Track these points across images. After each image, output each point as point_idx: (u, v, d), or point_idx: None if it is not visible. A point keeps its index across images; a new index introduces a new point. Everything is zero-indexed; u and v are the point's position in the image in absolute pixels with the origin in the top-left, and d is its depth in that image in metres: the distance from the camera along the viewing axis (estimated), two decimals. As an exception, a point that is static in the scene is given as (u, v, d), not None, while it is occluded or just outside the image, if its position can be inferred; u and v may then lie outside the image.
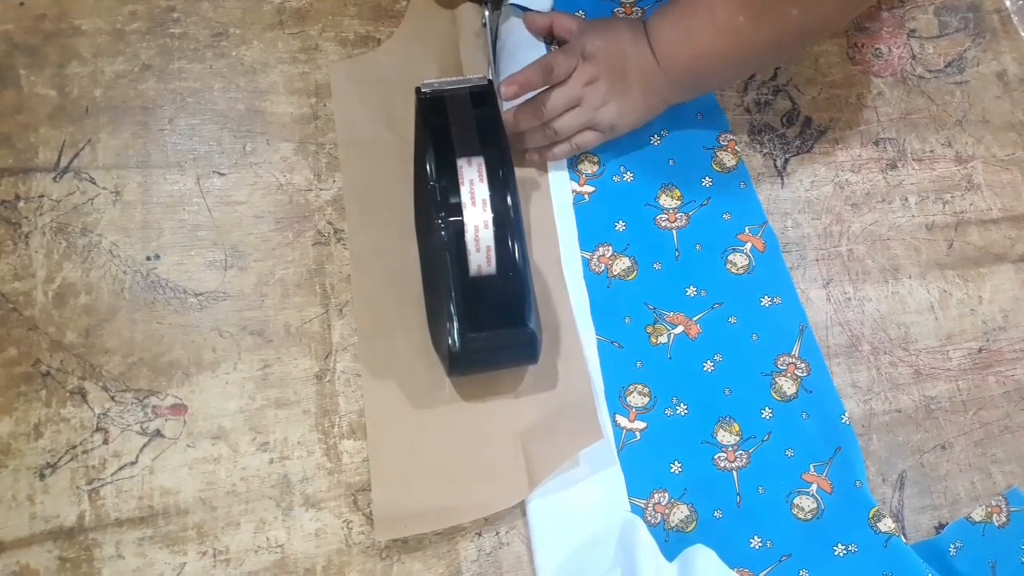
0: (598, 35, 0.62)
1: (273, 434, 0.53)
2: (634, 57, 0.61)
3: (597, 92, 0.61)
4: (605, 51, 0.61)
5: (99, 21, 0.61)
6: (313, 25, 0.65)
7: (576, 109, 0.61)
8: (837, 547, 0.55)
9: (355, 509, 0.52)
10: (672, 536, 0.54)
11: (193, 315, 0.55)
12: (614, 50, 0.61)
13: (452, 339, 0.49)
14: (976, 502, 0.60)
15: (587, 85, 0.61)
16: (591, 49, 0.61)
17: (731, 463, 0.57)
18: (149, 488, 0.51)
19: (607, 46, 0.61)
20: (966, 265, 0.68)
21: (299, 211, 0.59)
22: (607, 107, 0.62)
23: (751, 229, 0.64)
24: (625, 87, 0.61)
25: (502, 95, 0.59)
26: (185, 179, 0.58)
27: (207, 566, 0.49)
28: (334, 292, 0.57)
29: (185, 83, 0.61)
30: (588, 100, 0.61)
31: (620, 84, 0.61)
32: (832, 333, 0.63)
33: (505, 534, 0.53)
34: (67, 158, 0.57)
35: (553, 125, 0.61)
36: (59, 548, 0.48)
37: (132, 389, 0.52)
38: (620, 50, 0.61)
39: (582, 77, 0.61)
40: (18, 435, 0.50)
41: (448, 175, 0.50)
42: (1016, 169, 0.73)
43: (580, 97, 0.61)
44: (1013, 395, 0.64)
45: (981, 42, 0.77)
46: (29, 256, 0.54)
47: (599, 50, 0.61)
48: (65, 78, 0.59)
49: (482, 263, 0.50)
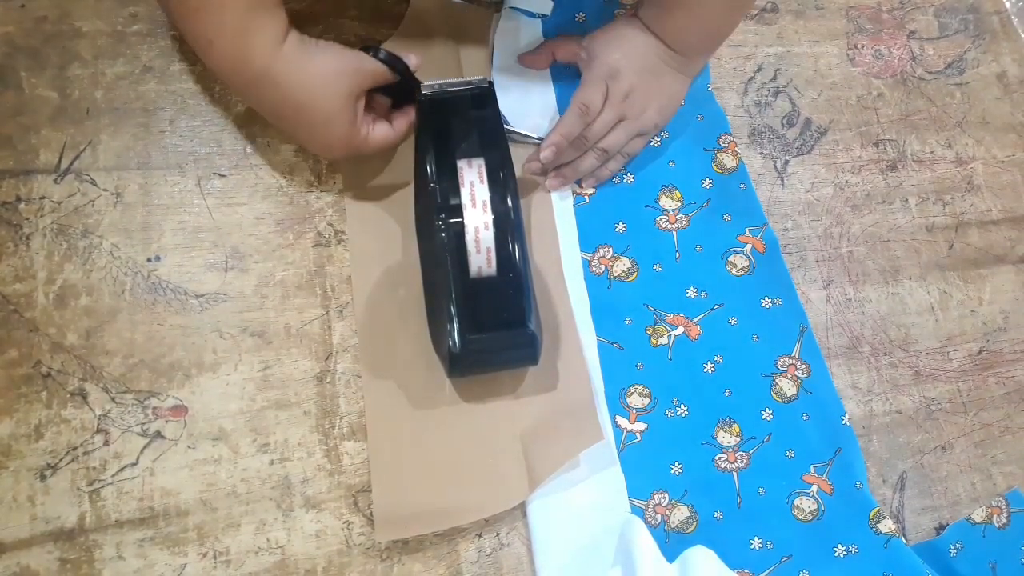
0: (612, 48, 0.62)
1: (273, 435, 0.53)
2: (652, 51, 0.61)
3: (635, 102, 0.61)
4: (627, 61, 0.61)
5: (100, 23, 0.61)
6: (313, 27, 0.65)
7: (621, 125, 0.62)
8: (837, 548, 0.55)
9: (355, 510, 0.52)
10: (672, 537, 0.55)
11: (194, 316, 0.55)
12: (634, 55, 0.61)
13: (452, 340, 0.49)
14: (976, 503, 0.60)
15: (624, 100, 0.61)
16: (614, 65, 0.61)
17: (731, 464, 0.57)
18: (150, 489, 0.51)
19: (626, 55, 0.61)
20: (966, 266, 0.68)
21: (299, 212, 0.59)
22: (649, 111, 0.62)
23: (751, 230, 0.65)
24: (658, 83, 0.62)
25: (543, 159, 0.60)
26: (186, 181, 0.59)
27: (207, 567, 0.49)
28: (334, 293, 0.58)
29: (186, 85, 0.61)
30: (629, 112, 0.61)
31: (654, 84, 0.62)
32: (832, 334, 0.63)
33: (505, 535, 0.53)
34: (68, 160, 0.57)
35: (602, 146, 0.61)
36: (60, 549, 0.48)
37: (133, 390, 0.53)
38: (638, 52, 0.61)
39: (617, 95, 0.61)
40: (19, 436, 0.50)
41: (448, 177, 0.50)
42: (1016, 170, 0.73)
43: (620, 114, 0.61)
44: (1013, 396, 0.64)
45: (981, 43, 0.77)
46: (30, 258, 0.54)
47: (620, 62, 0.61)
48: (66, 80, 0.59)
49: (482, 264, 0.50)
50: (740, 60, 0.72)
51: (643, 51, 0.61)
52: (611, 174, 0.64)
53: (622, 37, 0.62)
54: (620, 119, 0.62)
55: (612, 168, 0.64)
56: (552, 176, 0.63)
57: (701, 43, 0.63)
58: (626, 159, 0.64)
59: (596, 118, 0.61)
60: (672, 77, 0.63)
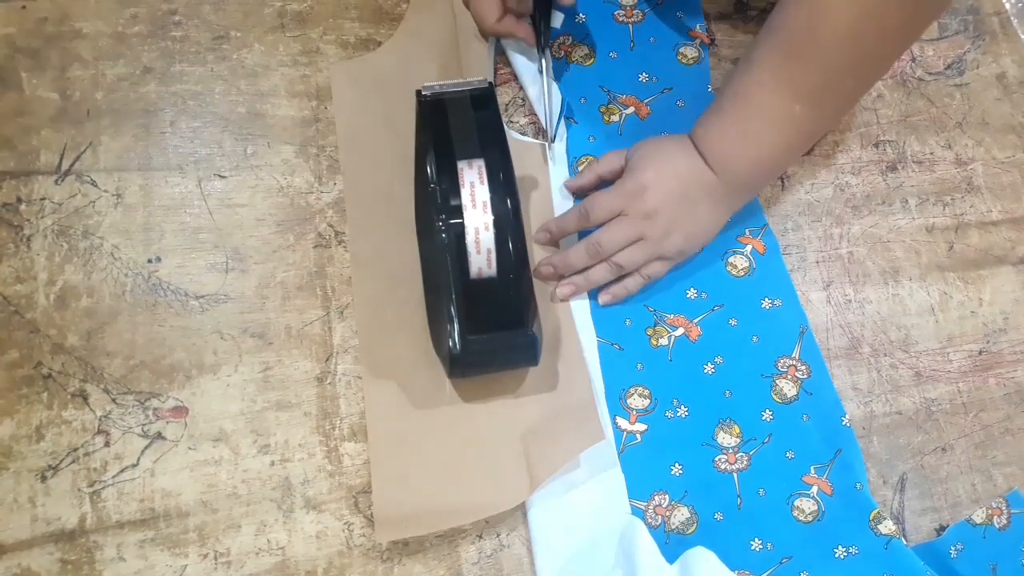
0: (649, 164, 0.58)
1: (274, 436, 0.53)
2: (692, 175, 0.58)
3: (657, 224, 0.57)
4: (659, 181, 0.57)
5: (100, 24, 0.61)
6: (314, 28, 0.65)
7: (638, 244, 0.58)
8: (838, 549, 0.55)
9: (356, 511, 0.52)
10: (672, 538, 0.55)
11: (194, 318, 0.55)
12: (669, 175, 0.58)
13: (453, 341, 0.49)
14: (977, 504, 0.60)
15: (646, 219, 0.57)
16: (644, 183, 0.57)
17: (732, 465, 0.57)
18: (150, 490, 0.51)
19: (660, 175, 0.57)
20: (966, 267, 0.68)
21: (300, 214, 0.59)
22: (672, 236, 0.58)
23: (751, 231, 0.65)
24: (690, 210, 0.58)
25: (536, 239, 0.59)
26: (186, 182, 0.59)
27: (208, 568, 0.50)
28: (335, 294, 0.58)
29: (186, 86, 0.61)
30: (650, 234, 0.57)
31: (684, 209, 0.58)
32: (832, 335, 0.63)
33: (506, 536, 0.53)
34: (68, 161, 0.57)
35: (615, 260, 0.58)
36: (60, 550, 0.48)
37: (133, 391, 0.53)
38: (675, 173, 0.58)
39: (638, 213, 0.57)
40: (19, 437, 0.50)
41: (449, 177, 0.50)
42: (1016, 171, 0.73)
43: (640, 233, 0.57)
44: (1014, 397, 0.64)
45: (981, 44, 0.77)
46: (31, 259, 0.54)
47: (652, 181, 0.57)
48: (67, 81, 0.59)
49: (483, 265, 0.50)
50: (740, 61, 0.72)
51: (681, 173, 0.58)
52: (627, 293, 0.59)
53: (663, 153, 0.59)
54: (639, 238, 0.57)
55: (628, 286, 0.59)
56: (563, 284, 0.59)
57: (750, 174, 0.59)
58: (646, 280, 0.59)
59: (612, 227, 0.57)
60: (710, 207, 0.59)
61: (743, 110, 0.57)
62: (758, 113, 0.56)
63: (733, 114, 0.57)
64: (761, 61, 0.55)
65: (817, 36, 0.52)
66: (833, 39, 0.52)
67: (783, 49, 0.54)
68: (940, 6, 0.56)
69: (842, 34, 0.51)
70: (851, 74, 0.54)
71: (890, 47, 0.55)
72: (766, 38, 0.55)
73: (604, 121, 0.66)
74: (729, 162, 0.57)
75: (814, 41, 0.53)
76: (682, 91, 0.69)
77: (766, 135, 0.57)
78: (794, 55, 0.54)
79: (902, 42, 0.56)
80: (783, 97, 0.55)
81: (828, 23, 0.51)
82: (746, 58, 0.57)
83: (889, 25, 0.52)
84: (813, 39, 0.53)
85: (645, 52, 0.70)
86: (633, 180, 0.58)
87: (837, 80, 0.54)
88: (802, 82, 0.54)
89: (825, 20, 0.51)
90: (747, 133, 0.57)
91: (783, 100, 0.55)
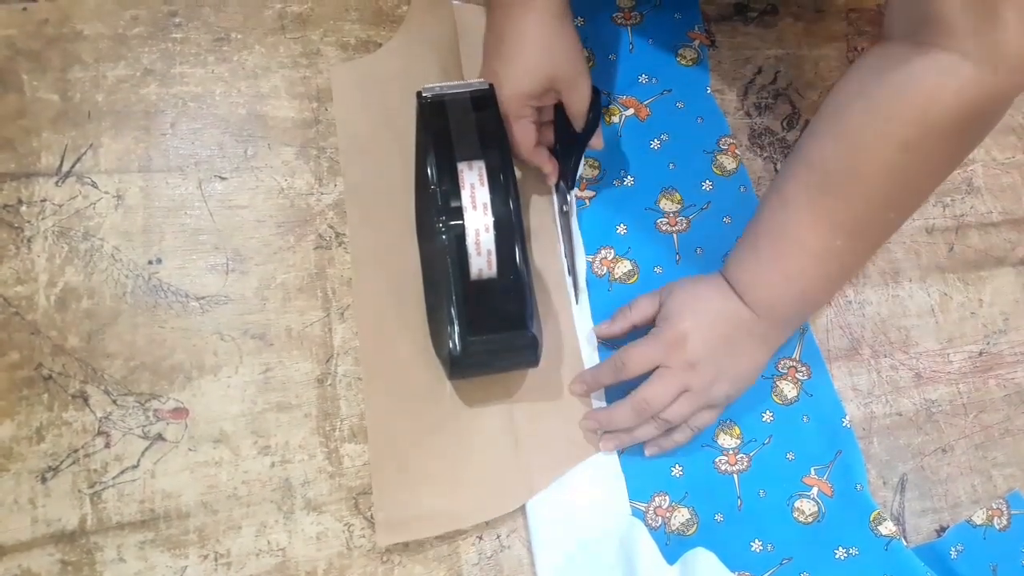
0: (686, 312, 0.55)
1: (274, 438, 0.53)
2: (731, 318, 0.55)
3: (702, 374, 0.54)
4: (698, 330, 0.54)
5: (101, 26, 0.61)
6: (314, 30, 0.65)
7: (684, 396, 0.54)
8: (838, 550, 0.55)
9: (356, 512, 0.52)
10: (673, 539, 0.55)
11: (195, 319, 0.55)
12: (707, 322, 0.54)
13: (453, 343, 0.49)
14: (977, 505, 0.60)
15: (689, 370, 0.54)
16: (683, 332, 0.54)
17: (732, 466, 0.57)
18: (150, 491, 0.51)
19: (698, 323, 0.54)
20: (966, 268, 0.68)
21: (300, 215, 0.59)
22: (719, 384, 0.54)
23: (751, 232, 0.65)
24: (733, 354, 0.55)
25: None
26: (187, 183, 0.59)
27: (208, 569, 0.50)
28: (335, 296, 0.58)
29: (187, 88, 0.61)
30: (695, 384, 0.54)
31: (727, 354, 0.55)
32: (832, 336, 0.63)
33: (506, 537, 0.53)
34: (69, 162, 0.57)
35: (663, 416, 0.54)
36: (61, 551, 0.48)
37: (134, 393, 0.53)
38: (714, 319, 0.55)
39: (680, 364, 0.54)
40: (20, 439, 0.50)
41: (449, 179, 0.50)
42: (1016, 172, 0.73)
43: (684, 384, 0.54)
44: (1014, 398, 0.64)
45: (981, 46, 0.77)
46: (31, 260, 0.54)
47: (690, 330, 0.54)
48: (67, 83, 0.59)
49: (483, 267, 0.50)
50: (740, 62, 0.72)
51: (720, 317, 0.55)
52: (675, 445, 0.56)
53: (699, 298, 0.56)
54: (684, 390, 0.54)
55: (677, 439, 0.56)
56: (607, 438, 0.56)
57: (794, 311, 0.56)
58: (695, 432, 0.56)
59: (654, 385, 0.54)
60: (751, 348, 0.56)
61: (781, 247, 0.54)
62: (798, 250, 0.53)
63: (770, 252, 0.54)
64: (797, 197, 0.53)
65: (858, 172, 0.50)
66: (875, 176, 0.49)
67: (821, 185, 0.52)
68: (985, 130, 0.51)
69: (884, 170, 0.49)
70: (894, 207, 0.52)
71: (933, 179, 0.52)
72: (799, 172, 0.53)
73: (604, 123, 0.66)
74: (768, 298, 0.55)
75: (854, 177, 0.50)
76: (681, 92, 0.69)
77: (807, 271, 0.54)
78: (833, 191, 0.51)
79: (946, 171, 0.53)
80: (823, 233, 0.52)
81: (869, 159, 0.49)
82: (778, 192, 0.55)
83: (933, 159, 0.49)
84: (854, 175, 0.50)
85: (644, 54, 0.70)
86: (671, 329, 0.54)
87: (880, 214, 0.52)
88: (844, 218, 0.51)
89: (866, 156, 0.49)
90: (788, 271, 0.54)
91: (823, 236, 0.52)
